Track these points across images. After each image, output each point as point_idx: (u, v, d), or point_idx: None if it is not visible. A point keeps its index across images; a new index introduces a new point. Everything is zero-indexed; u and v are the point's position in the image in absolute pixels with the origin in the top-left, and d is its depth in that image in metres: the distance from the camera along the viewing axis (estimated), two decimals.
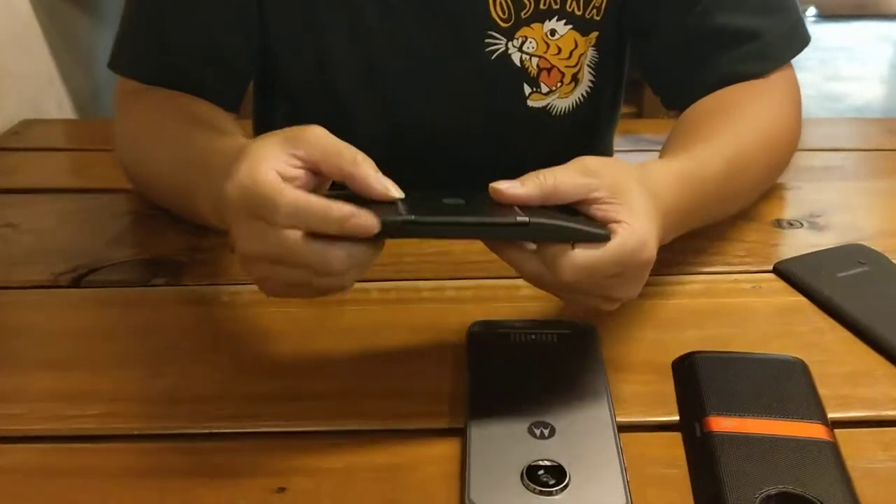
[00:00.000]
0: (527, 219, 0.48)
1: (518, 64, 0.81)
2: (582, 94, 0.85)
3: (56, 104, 1.42)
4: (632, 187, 0.53)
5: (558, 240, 0.49)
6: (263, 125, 0.94)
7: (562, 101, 0.84)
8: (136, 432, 0.52)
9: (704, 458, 0.48)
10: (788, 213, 0.77)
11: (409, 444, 0.51)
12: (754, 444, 0.48)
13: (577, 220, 0.51)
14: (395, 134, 0.84)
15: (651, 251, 0.52)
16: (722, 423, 0.50)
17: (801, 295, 0.64)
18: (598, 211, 0.52)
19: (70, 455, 0.50)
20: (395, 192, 0.49)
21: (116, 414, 0.53)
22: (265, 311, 0.62)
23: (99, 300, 0.65)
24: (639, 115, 2.04)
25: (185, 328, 0.61)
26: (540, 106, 0.84)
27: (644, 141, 1.47)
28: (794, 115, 0.77)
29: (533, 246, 0.50)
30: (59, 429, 0.52)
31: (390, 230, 0.47)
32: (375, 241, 0.48)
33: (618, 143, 1.02)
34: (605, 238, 0.50)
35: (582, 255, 0.49)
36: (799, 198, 0.79)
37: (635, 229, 0.51)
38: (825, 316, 0.62)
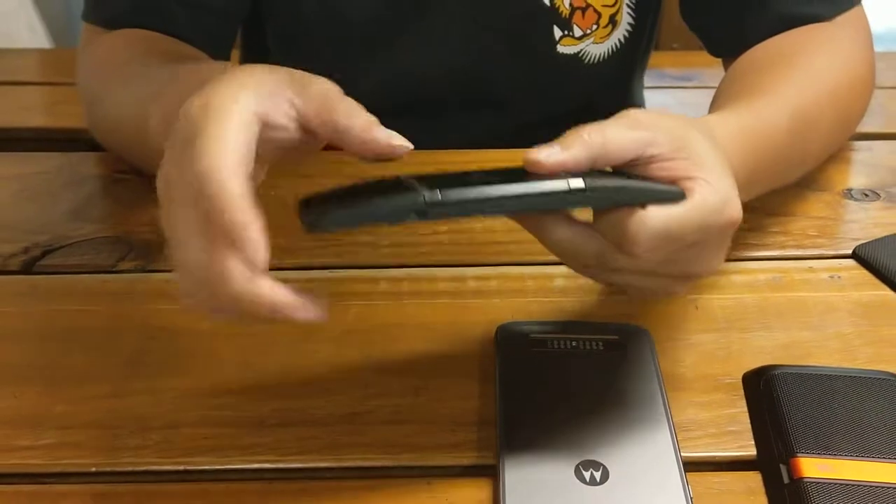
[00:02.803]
0: (582, 183, 0.38)
1: (547, 3, 0.69)
2: (619, 40, 0.74)
3: (28, 30, 1.30)
4: (696, 139, 0.42)
5: (623, 204, 0.39)
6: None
7: (596, 48, 0.73)
8: (93, 469, 0.42)
9: None
10: (860, 180, 0.66)
11: (426, 488, 0.41)
12: (860, 495, 0.39)
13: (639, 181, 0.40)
14: (408, 83, 0.74)
15: (736, 208, 0.42)
16: (816, 467, 0.40)
17: (887, 288, 0.54)
18: (660, 171, 0.41)
19: (7, 501, 0.41)
20: (400, 141, 0.40)
21: (71, 444, 0.44)
22: None
23: (54, 291, 0.55)
24: (655, 45, 1.91)
25: (157, 328, 0.51)
26: (571, 53, 0.73)
27: (668, 77, 1.36)
28: (867, 65, 0.66)
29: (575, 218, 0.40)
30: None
31: (412, 212, 0.37)
32: None
33: None
34: (679, 196, 0.40)
35: (657, 215, 0.39)
36: (871, 161, 0.68)
37: (713, 183, 0.41)
38: None
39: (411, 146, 0.40)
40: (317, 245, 0.58)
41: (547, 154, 0.39)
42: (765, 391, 0.45)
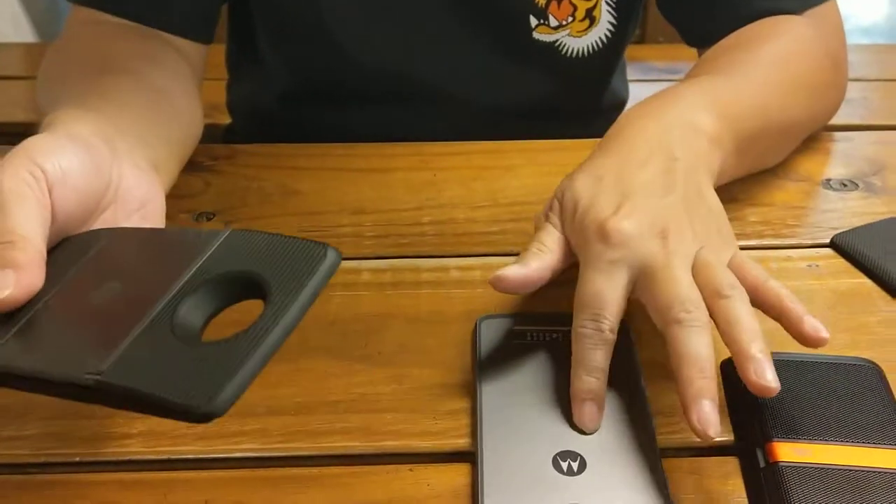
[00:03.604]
0: (97, 376, 0.33)
1: None
2: (601, 38, 0.74)
3: (12, 24, 1.29)
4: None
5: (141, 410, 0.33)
6: (240, 52, 0.83)
7: (574, 41, 0.74)
8: (77, 458, 0.43)
9: (771, 496, 0.40)
10: (838, 171, 0.67)
11: (408, 474, 0.42)
12: (834, 479, 0.40)
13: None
14: (385, 63, 0.74)
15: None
16: (792, 452, 0.41)
17: (864, 276, 0.55)
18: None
19: None
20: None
21: (55, 435, 0.44)
22: None
23: None
24: (641, 38, 1.92)
25: None
26: (548, 41, 0.73)
27: (654, 70, 1.36)
28: (830, 58, 0.67)
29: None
30: None
31: None
32: None
33: (627, 73, 0.92)
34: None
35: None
36: (850, 152, 0.69)
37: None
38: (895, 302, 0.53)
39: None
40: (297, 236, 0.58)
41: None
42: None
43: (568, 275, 0.48)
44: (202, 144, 0.66)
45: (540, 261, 0.47)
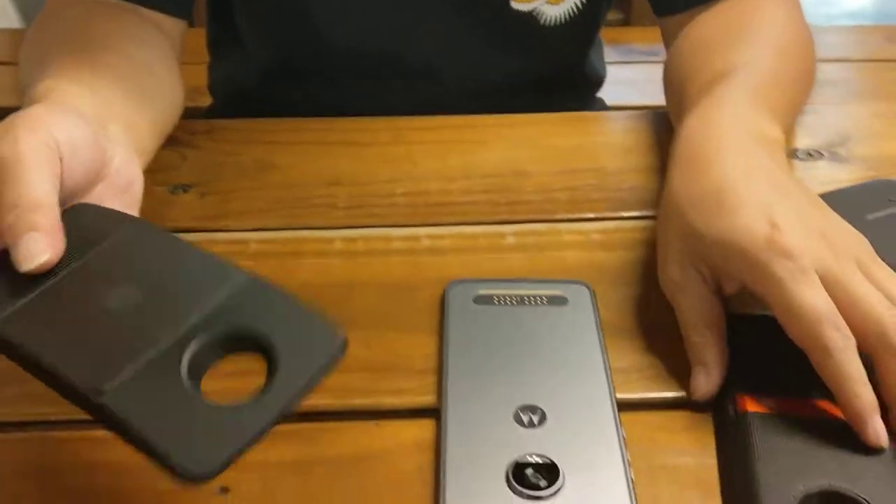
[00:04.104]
0: (99, 396, 0.33)
1: None
2: (576, 5, 0.75)
3: None
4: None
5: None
6: (220, 31, 0.84)
7: (551, 9, 0.75)
8: (52, 418, 0.44)
9: (737, 443, 0.41)
10: (805, 141, 0.68)
11: (375, 428, 0.43)
12: (798, 429, 0.41)
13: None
14: (362, 41, 0.75)
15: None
16: (760, 403, 0.43)
17: None
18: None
19: None
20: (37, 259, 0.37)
21: (31, 396, 0.45)
22: None
23: None
24: (626, 21, 1.92)
25: None
26: (525, 10, 0.74)
27: (636, 52, 1.38)
28: (804, 28, 0.68)
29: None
30: None
31: None
32: None
33: (607, 54, 0.93)
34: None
35: None
36: (817, 124, 0.70)
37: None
38: None
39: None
40: (271, 207, 0.60)
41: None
42: None
43: (526, 239, 0.49)
44: (181, 121, 0.67)
45: (717, 356, 0.46)
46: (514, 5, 0.74)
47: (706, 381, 0.45)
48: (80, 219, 0.41)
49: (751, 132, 0.53)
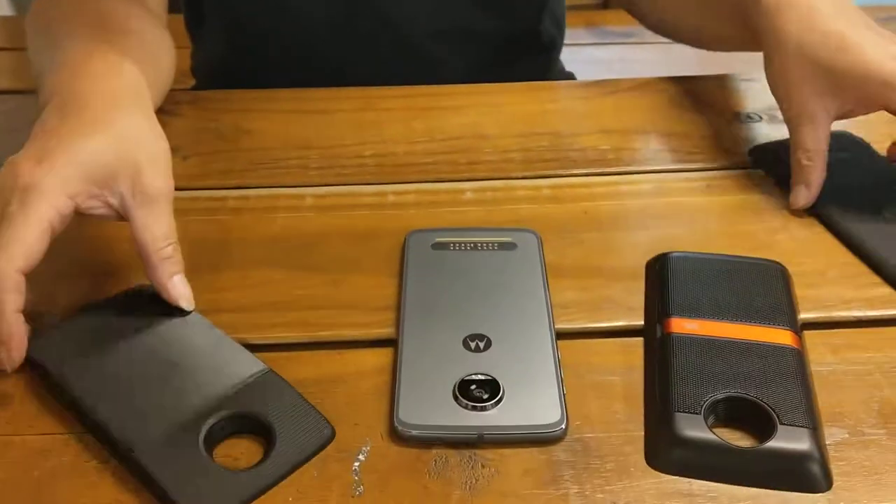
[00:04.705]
0: (129, 448, 0.42)
1: None
2: None
3: None
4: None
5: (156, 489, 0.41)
6: (190, 16, 0.88)
7: None
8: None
9: (660, 359, 0.46)
10: (748, 105, 0.73)
11: (337, 357, 0.48)
12: (713, 347, 0.46)
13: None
14: (331, 13, 0.79)
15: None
16: (683, 325, 0.48)
17: (750, 192, 0.61)
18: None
19: None
20: (186, 304, 0.49)
21: None
22: (190, 219, 0.59)
23: None
24: (605, 4, 1.97)
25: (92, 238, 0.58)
26: None
27: (611, 34, 1.42)
28: None
29: None
30: None
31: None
32: None
33: (582, 36, 0.98)
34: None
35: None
36: (759, 89, 0.75)
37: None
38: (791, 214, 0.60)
39: (193, 308, 0.49)
40: (248, 168, 0.65)
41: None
42: (659, 271, 0.53)
43: (484, 195, 0.54)
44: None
45: (819, 178, 0.58)
46: None
47: (806, 195, 0.58)
48: (140, 298, 0.50)
49: None
